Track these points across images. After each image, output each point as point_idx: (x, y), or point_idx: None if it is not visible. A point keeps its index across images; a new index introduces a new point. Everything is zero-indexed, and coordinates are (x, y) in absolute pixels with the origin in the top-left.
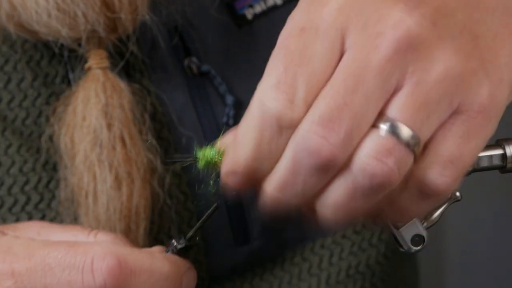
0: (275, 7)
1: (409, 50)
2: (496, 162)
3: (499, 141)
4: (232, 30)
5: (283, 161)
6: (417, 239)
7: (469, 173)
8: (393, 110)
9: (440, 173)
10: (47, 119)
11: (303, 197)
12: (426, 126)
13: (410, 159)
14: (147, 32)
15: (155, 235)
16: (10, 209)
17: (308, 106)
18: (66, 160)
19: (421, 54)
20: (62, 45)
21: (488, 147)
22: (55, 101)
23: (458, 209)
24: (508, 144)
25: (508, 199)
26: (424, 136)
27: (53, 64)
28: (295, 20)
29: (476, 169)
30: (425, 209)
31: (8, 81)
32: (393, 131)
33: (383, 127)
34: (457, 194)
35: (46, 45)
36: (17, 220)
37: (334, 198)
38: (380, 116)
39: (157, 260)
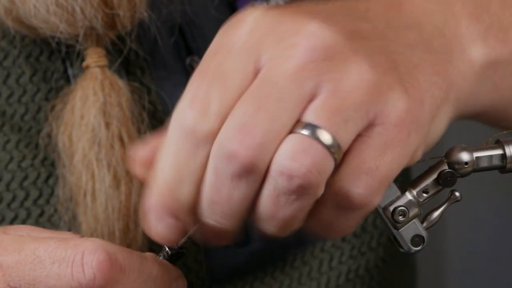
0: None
1: (324, 60)
2: (496, 162)
3: (499, 141)
4: None
5: (206, 177)
6: (417, 239)
7: (469, 173)
8: (309, 115)
9: (354, 184)
10: (46, 115)
11: (234, 215)
12: (344, 131)
13: (329, 161)
14: (148, 30)
15: None
16: (8, 205)
17: (223, 119)
18: (64, 159)
19: (337, 64)
20: (60, 41)
21: (488, 147)
22: (54, 96)
23: (458, 210)
24: (508, 144)
25: (508, 199)
26: (342, 141)
27: (53, 59)
28: (213, 42)
29: (476, 170)
30: (351, 222)
31: (7, 76)
32: (309, 132)
33: (299, 130)
34: (457, 194)
35: (45, 40)
36: (16, 216)
37: (263, 208)
38: (298, 123)
39: (147, 262)
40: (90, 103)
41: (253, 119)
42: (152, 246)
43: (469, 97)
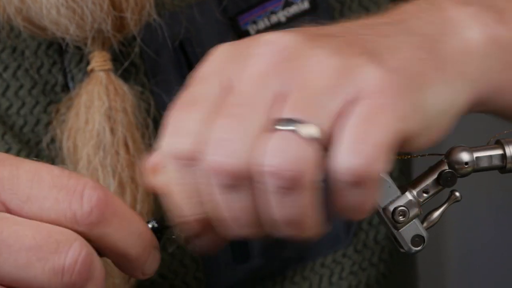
0: (278, 24)
1: (284, 61)
2: (496, 162)
3: (499, 141)
4: None
5: (209, 197)
6: (417, 239)
7: (469, 173)
8: (279, 112)
9: (350, 156)
10: (45, 128)
11: (253, 224)
12: (316, 116)
13: (309, 148)
14: (151, 44)
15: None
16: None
17: (201, 137)
18: (68, 165)
19: (297, 62)
20: (67, 44)
21: (488, 147)
22: (53, 109)
23: (458, 210)
24: (508, 145)
25: (508, 199)
26: (320, 125)
27: (53, 72)
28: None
29: (476, 169)
30: (367, 197)
31: (7, 88)
32: (280, 126)
33: (271, 128)
34: (457, 194)
35: (47, 53)
36: None
37: (271, 215)
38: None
39: (136, 217)
40: (95, 108)
41: (225, 128)
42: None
43: (481, 75)
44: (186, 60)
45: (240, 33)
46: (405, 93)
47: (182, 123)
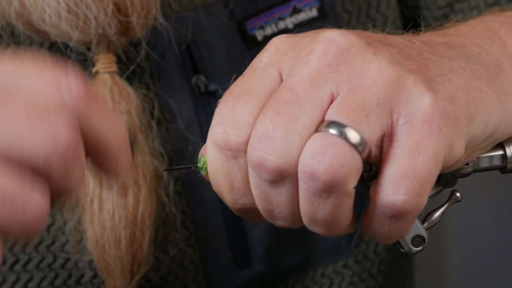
0: (286, 31)
1: (342, 62)
2: (497, 162)
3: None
4: (241, 50)
5: (252, 187)
6: (418, 239)
7: (469, 173)
8: (329, 113)
9: (395, 191)
10: None
11: (293, 217)
12: (366, 126)
13: (353, 155)
14: (157, 47)
15: (160, 243)
16: None
17: (252, 129)
18: None
19: (355, 65)
20: (69, 47)
21: None
22: None
23: (458, 210)
24: (508, 145)
25: (509, 199)
26: (366, 135)
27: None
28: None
29: (477, 170)
30: (404, 227)
31: None
32: (328, 129)
33: (320, 129)
34: (458, 194)
35: (51, 50)
36: None
37: (304, 211)
38: (321, 123)
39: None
40: None
41: (273, 124)
42: (159, 255)
43: None
44: (192, 63)
45: (247, 38)
46: (455, 123)
47: (234, 114)
